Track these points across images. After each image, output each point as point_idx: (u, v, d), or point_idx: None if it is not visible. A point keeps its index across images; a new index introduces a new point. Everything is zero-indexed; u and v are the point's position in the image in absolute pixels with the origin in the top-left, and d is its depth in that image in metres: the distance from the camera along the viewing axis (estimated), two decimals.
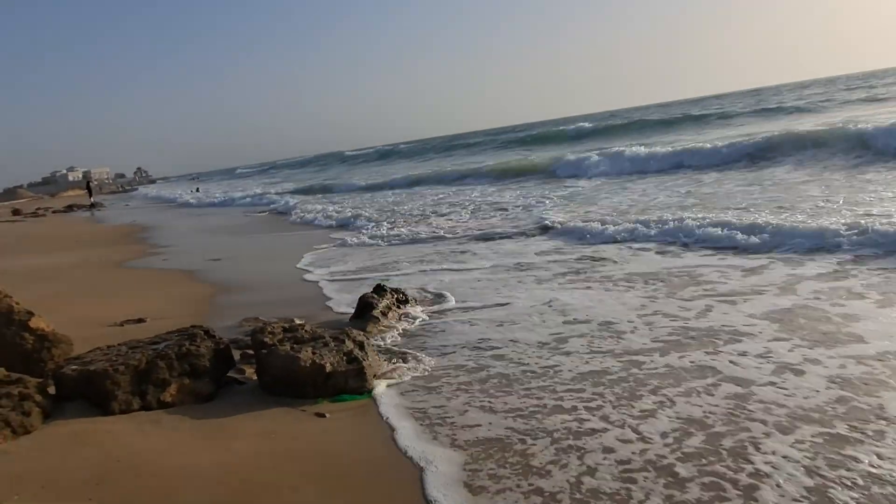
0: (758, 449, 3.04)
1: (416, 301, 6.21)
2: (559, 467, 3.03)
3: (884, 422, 3.18)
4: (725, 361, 4.15)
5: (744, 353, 4.25)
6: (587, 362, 4.30)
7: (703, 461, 2.97)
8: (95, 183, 72.60)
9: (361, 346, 4.34)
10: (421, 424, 3.59)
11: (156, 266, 10.62)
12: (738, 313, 5.03)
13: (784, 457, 2.95)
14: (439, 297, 6.39)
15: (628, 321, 5.11)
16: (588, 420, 3.49)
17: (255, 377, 4.39)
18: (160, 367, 3.99)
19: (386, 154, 60.41)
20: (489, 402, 3.83)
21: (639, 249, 7.88)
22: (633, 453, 3.11)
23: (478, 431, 3.44)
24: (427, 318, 5.72)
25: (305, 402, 3.96)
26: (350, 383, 4.08)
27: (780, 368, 3.96)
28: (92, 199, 42.61)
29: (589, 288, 6.29)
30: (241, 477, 3.05)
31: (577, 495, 2.79)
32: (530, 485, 2.90)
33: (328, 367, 4.04)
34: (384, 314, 5.59)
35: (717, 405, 3.55)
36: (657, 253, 7.60)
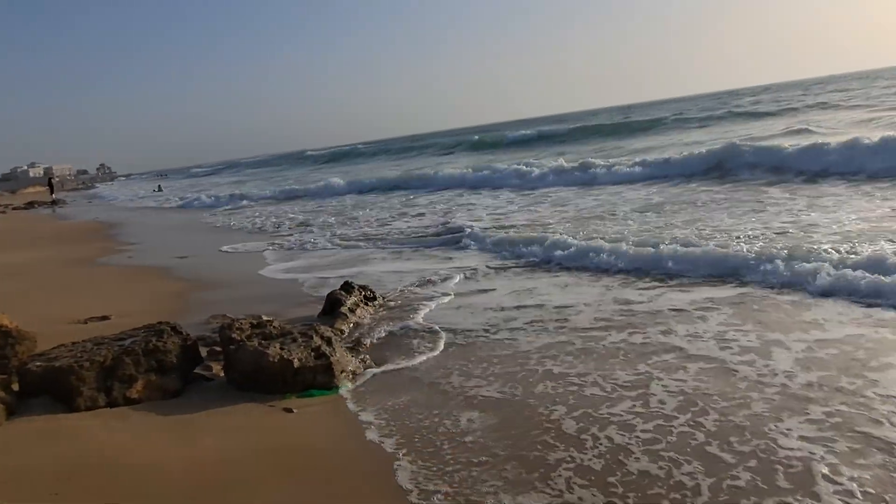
0: (779, 429, 3.14)
1: (383, 297, 6.27)
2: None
3: (879, 399, 3.35)
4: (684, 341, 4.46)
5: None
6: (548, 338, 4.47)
7: (734, 440, 3.08)
8: (57, 179, 70.68)
9: (329, 341, 4.39)
10: (390, 420, 3.66)
11: (121, 263, 10.48)
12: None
13: (811, 438, 3.03)
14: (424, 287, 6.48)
15: (585, 304, 5.57)
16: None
17: (222, 374, 4.40)
18: (126, 363, 3.98)
19: (345, 154, 60.56)
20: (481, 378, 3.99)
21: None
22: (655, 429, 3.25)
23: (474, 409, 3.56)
24: (393, 311, 5.80)
25: (273, 398, 3.99)
26: (318, 378, 4.12)
27: (743, 349, 4.21)
28: (53, 196, 41.68)
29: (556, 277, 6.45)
30: (209, 472, 3.08)
31: (628, 479, 2.86)
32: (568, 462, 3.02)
33: (296, 363, 4.08)
34: (352, 311, 5.64)
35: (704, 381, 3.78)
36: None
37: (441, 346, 4.85)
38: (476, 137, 43.85)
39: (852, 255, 5.66)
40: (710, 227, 8.09)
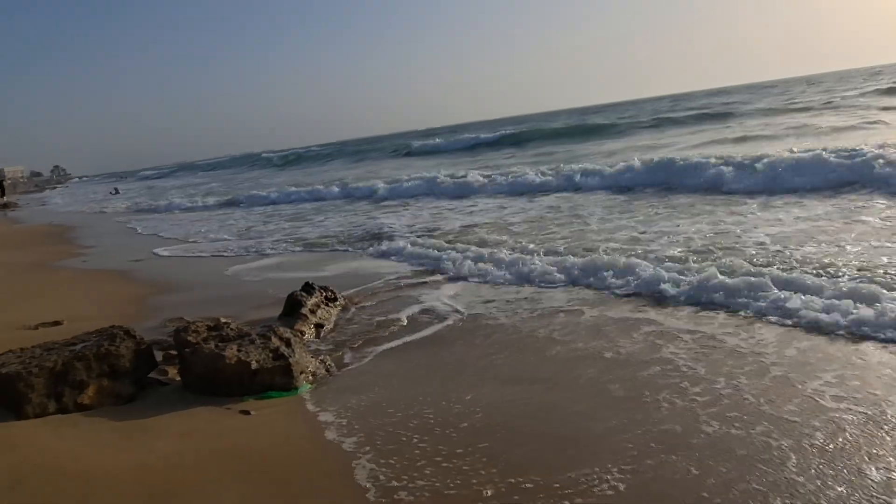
0: (808, 389, 3.38)
1: (345, 298, 6.23)
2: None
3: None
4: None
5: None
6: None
7: (777, 399, 3.28)
8: (9, 182, 68.15)
9: (288, 342, 4.34)
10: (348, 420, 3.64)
11: (75, 267, 10.20)
12: None
13: (843, 398, 3.25)
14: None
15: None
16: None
17: (178, 378, 4.33)
18: (77, 368, 3.88)
19: (301, 157, 59.52)
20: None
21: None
22: (702, 393, 3.45)
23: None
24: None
25: (231, 401, 3.93)
26: (277, 380, 4.08)
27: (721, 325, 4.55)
28: (5, 199, 40.40)
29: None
30: (161, 477, 3.02)
31: (711, 442, 2.96)
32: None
33: (254, 365, 4.03)
34: (313, 311, 5.59)
35: (705, 350, 4.07)
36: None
37: (419, 334, 5.03)
38: (416, 143, 44.30)
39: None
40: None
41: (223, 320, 4.85)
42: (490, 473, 2.87)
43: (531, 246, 7.88)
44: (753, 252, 6.31)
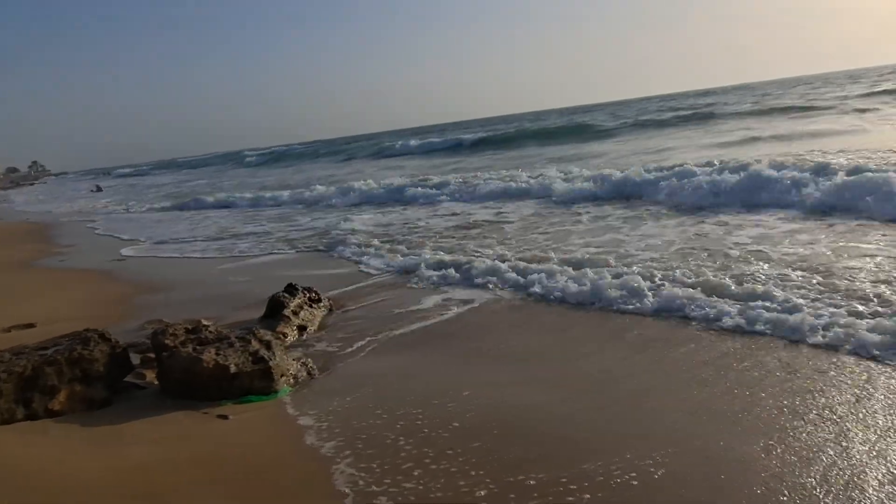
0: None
1: (331, 300, 6.12)
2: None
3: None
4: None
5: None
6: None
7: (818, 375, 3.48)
8: None
9: (268, 345, 4.24)
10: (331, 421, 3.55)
11: (52, 266, 10.00)
12: None
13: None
14: None
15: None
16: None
17: (156, 381, 4.22)
18: (48, 373, 3.75)
19: (284, 155, 59.01)
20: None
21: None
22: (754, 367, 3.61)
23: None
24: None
25: (209, 405, 3.83)
26: (256, 384, 3.98)
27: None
28: None
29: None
30: (134, 483, 2.93)
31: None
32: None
33: (233, 368, 3.92)
34: (295, 313, 5.48)
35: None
36: None
37: (406, 335, 4.99)
38: (398, 143, 44.10)
39: None
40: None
41: (203, 322, 4.74)
42: (479, 474, 2.80)
43: (509, 253, 7.74)
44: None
